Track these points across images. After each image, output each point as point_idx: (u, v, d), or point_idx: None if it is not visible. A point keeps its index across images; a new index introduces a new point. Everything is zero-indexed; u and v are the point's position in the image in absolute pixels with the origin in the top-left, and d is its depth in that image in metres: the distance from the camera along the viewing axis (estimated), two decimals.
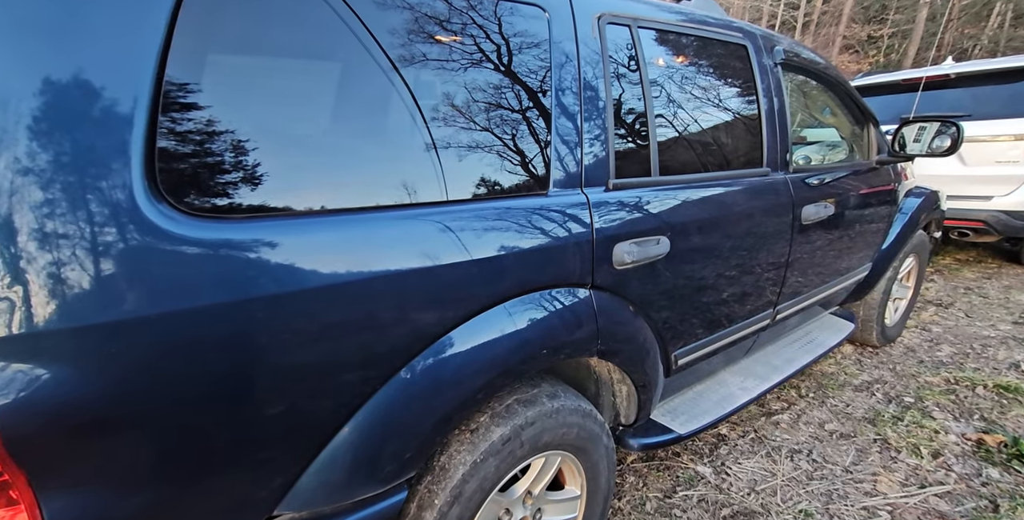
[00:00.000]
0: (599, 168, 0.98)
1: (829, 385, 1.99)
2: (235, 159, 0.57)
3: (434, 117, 0.76)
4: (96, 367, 0.46)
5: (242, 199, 0.58)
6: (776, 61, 1.47)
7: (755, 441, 1.64)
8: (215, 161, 0.56)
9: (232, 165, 0.57)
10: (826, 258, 1.66)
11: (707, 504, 1.37)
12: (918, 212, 2.09)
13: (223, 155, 0.56)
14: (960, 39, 15.63)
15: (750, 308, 1.41)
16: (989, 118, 3.09)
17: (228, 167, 0.57)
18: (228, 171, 0.57)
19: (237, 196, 0.57)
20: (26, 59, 0.46)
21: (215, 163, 0.56)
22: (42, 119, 0.46)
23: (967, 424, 1.70)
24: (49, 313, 0.44)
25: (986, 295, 3.01)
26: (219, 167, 0.56)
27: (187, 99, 0.54)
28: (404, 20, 0.72)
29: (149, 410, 0.50)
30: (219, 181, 0.56)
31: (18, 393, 0.42)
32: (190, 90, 0.54)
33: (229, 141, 0.57)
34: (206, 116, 0.55)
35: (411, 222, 0.71)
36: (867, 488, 1.42)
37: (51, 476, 0.46)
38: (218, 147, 0.56)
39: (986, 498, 1.36)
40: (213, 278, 0.53)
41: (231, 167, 0.57)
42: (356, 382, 0.68)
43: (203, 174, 0.55)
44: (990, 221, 3.09)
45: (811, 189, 1.51)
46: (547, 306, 0.88)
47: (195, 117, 0.55)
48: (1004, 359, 2.18)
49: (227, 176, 0.57)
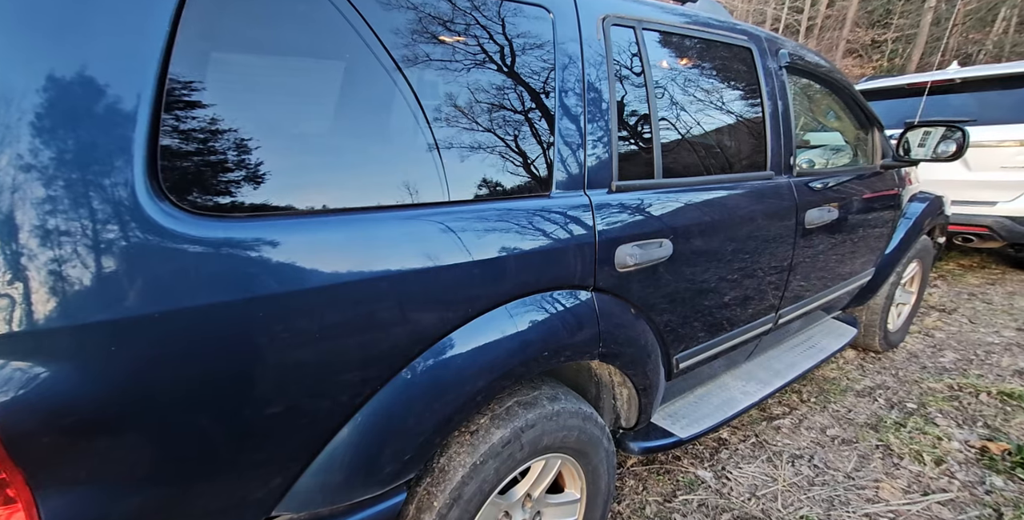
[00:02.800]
0: (602, 170, 0.98)
1: (831, 390, 1.98)
2: (237, 158, 0.57)
3: (438, 117, 0.75)
4: (96, 365, 0.46)
5: (244, 198, 0.57)
6: (781, 64, 1.47)
7: (756, 446, 1.63)
8: (217, 159, 0.56)
9: (234, 164, 0.57)
10: (829, 262, 1.65)
11: (707, 509, 1.36)
12: (922, 217, 2.08)
13: (225, 153, 0.56)
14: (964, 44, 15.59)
15: (752, 312, 1.40)
16: (995, 123, 3.07)
17: (230, 166, 0.56)
18: (230, 170, 0.57)
19: (239, 195, 0.57)
20: (30, 56, 0.46)
21: (217, 161, 0.56)
22: (45, 116, 0.46)
23: (971, 431, 1.69)
24: (49, 311, 0.44)
25: (990, 301, 2.99)
26: (221, 166, 0.56)
27: (190, 97, 0.54)
28: (408, 20, 0.72)
29: (148, 409, 0.50)
30: (221, 180, 0.56)
31: (17, 391, 0.42)
32: (193, 88, 0.54)
33: (231, 139, 0.57)
34: (208, 114, 0.55)
35: (413, 222, 0.71)
36: (869, 495, 1.40)
37: (49, 475, 0.45)
38: (220, 145, 0.56)
39: (990, 507, 1.34)
40: (214, 277, 0.53)
41: (233, 166, 0.57)
42: (356, 382, 0.67)
43: (205, 173, 0.55)
44: (994, 227, 3.08)
45: (815, 193, 1.50)
46: (549, 308, 0.87)
47: (197, 115, 0.54)
48: (1008, 366, 2.17)
49: (230, 175, 0.57)
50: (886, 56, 17.05)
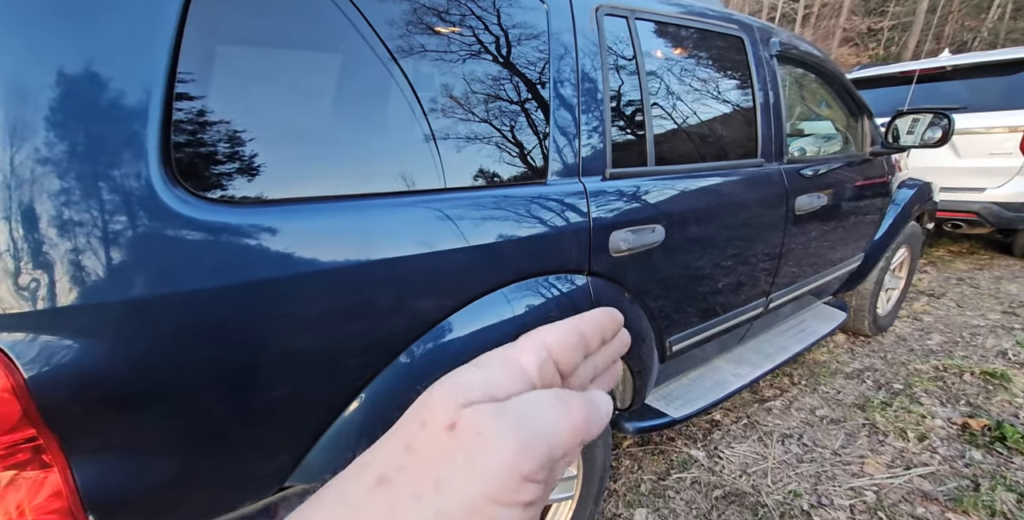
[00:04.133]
0: (596, 158, 1.01)
1: (821, 373, 2.04)
2: (247, 146, 0.59)
3: (435, 108, 0.78)
4: (122, 341, 0.49)
5: (252, 185, 0.60)
6: (772, 53, 1.49)
7: (747, 426, 1.69)
8: (227, 148, 0.58)
9: (244, 152, 0.59)
10: (819, 248, 1.69)
11: (700, 486, 1.42)
12: (911, 203, 2.12)
13: (235, 142, 0.58)
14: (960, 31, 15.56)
15: (744, 297, 1.44)
16: (984, 110, 3.11)
17: (242, 154, 0.59)
18: (239, 158, 0.59)
19: (248, 182, 0.59)
20: (43, 51, 0.47)
21: (228, 150, 0.58)
22: (59, 110, 0.48)
23: (953, 409, 1.75)
24: (76, 290, 0.47)
25: (977, 286, 3.06)
26: (233, 154, 0.58)
27: (199, 88, 0.56)
28: (406, 12, 0.74)
29: (171, 384, 0.53)
30: (231, 168, 0.58)
31: (52, 363, 0.45)
32: (202, 79, 0.56)
33: (240, 129, 0.59)
34: (217, 105, 0.57)
35: (410, 209, 0.73)
36: (855, 470, 1.47)
37: (81, 442, 0.48)
38: (230, 134, 0.58)
39: (968, 478, 1.41)
40: (227, 261, 0.55)
41: (242, 154, 0.59)
42: (359, 365, 0.70)
43: (214, 161, 0.57)
44: (983, 212, 3.13)
45: (805, 180, 1.53)
46: (544, 292, 0.91)
47: (206, 106, 0.57)
48: (992, 347, 2.23)
49: (239, 163, 0.59)
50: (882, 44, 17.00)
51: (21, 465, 0.46)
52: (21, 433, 0.45)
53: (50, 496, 0.47)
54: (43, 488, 0.47)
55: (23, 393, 0.44)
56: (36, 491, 0.46)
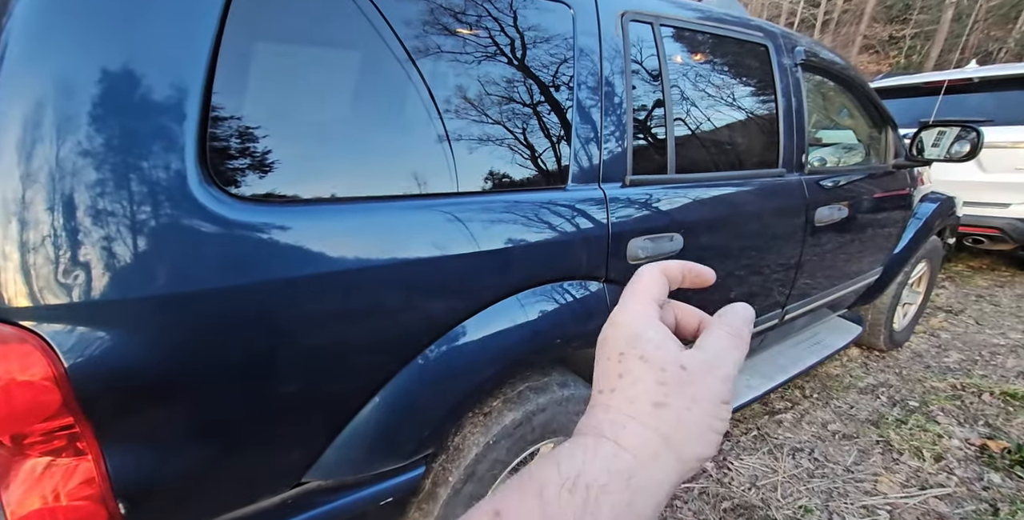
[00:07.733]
0: (616, 164, 1.00)
1: (834, 386, 2.00)
2: (278, 146, 0.60)
3: (457, 109, 0.78)
4: (156, 335, 0.50)
5: (283, 184, 0.61)
6: (796, 61, 1.47)
7: (758, 438, 1.67)
8: (259, 147, 0.59)
9: (275, 152, 0.60)
10: (837, 261, 1.67)
11: (708, 496, 1.40)
12: (932, 217, 2.08)
13: (266, 141, 0.59)
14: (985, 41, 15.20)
15: (758, 307, 1.42)
16: (1012, 124, 3.03)
17: (273, 154, 0.60)
18: (273, 157, 0.60)
19: (279, 181, 0.61)
20: (87, 50, 0.49)
21: (260, 150, 0.59)
22: (101, 106, 0.49)
23: (971, 429, 1.71)
24: (112, 284, 0.48)
25: (998, 303, 2.98)
26: (265, 153, 0.59)
27: (235, 87, 0.57)
28: (432, 15, 0.74)
29: (200, 377, 0.54)
30: (265, 167, 0.60)
31: (90, 354, 0.46)
32: (239, 79, 0.57)
33: (271, 129, 0.60)
34: (251, 104, 0.58)
35: (434, 211, 0.73)
36: (867, 487, 1.44)
37: (114, 431, 0.50)
38: (261, 134, 0.59)
39: (986, 502, 1.37)
40: (256, 258, 0.57)
41: (276, 154, 0.60)
42: (378, 365, 0.71)
43: (249, 160, 0.58)
44: (1006, 229, 3.06)
45: (825, 191, 1.51)
46: (559, 298, 0.90)
47: (241, 105, 0.58)
48: (1012, 367, 2.17)
49: (273, 162, 0.60)
50: (903, 53, 16.68)
51: (57, 451, 0.47)
52: (59, 421, 0.46)
53: (82, 483, 0.48)
54: (76, 475, 0.48)
55: (64, 382, 0.45)
56: (69, 477, 0.48)
